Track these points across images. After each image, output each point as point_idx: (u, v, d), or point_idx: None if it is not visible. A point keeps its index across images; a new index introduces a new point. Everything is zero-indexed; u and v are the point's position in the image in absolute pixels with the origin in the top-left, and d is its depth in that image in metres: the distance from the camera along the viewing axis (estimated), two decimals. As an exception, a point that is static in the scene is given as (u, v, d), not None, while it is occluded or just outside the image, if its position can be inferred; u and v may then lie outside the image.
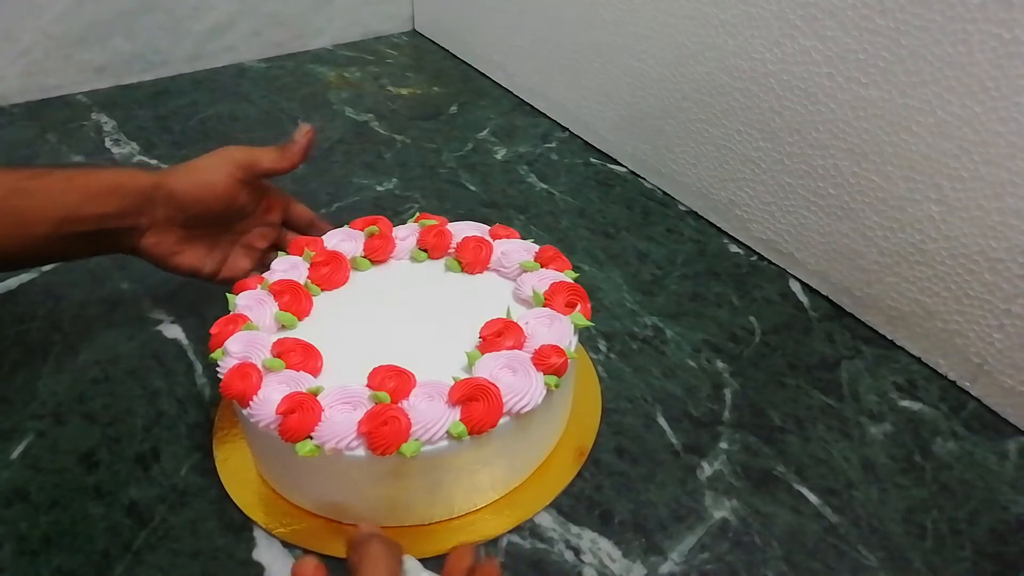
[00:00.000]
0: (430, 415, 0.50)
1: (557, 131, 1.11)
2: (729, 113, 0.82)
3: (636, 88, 0.94)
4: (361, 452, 0.50)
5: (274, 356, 0.54)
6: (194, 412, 0.65)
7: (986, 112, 0.59)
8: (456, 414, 0.51)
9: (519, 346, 0.56)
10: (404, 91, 1.23)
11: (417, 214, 0.70)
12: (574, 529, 0.57)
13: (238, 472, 0.60)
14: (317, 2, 1.34)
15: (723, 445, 0.63)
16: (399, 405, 0.51)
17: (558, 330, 0.57)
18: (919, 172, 0.66)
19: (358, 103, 1.18)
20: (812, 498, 0.59)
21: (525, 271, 0.63)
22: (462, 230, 0.67)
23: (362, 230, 0.67)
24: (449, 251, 0.67)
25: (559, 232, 0.89)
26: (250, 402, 0.52)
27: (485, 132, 1.11)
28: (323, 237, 0.67)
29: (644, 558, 0.55)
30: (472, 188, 0.98)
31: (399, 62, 1.34)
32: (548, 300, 0.60)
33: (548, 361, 0.54)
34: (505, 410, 0.52)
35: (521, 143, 1.08)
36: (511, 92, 1.22)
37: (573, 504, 0.58)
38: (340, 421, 0.50)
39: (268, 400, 0.51)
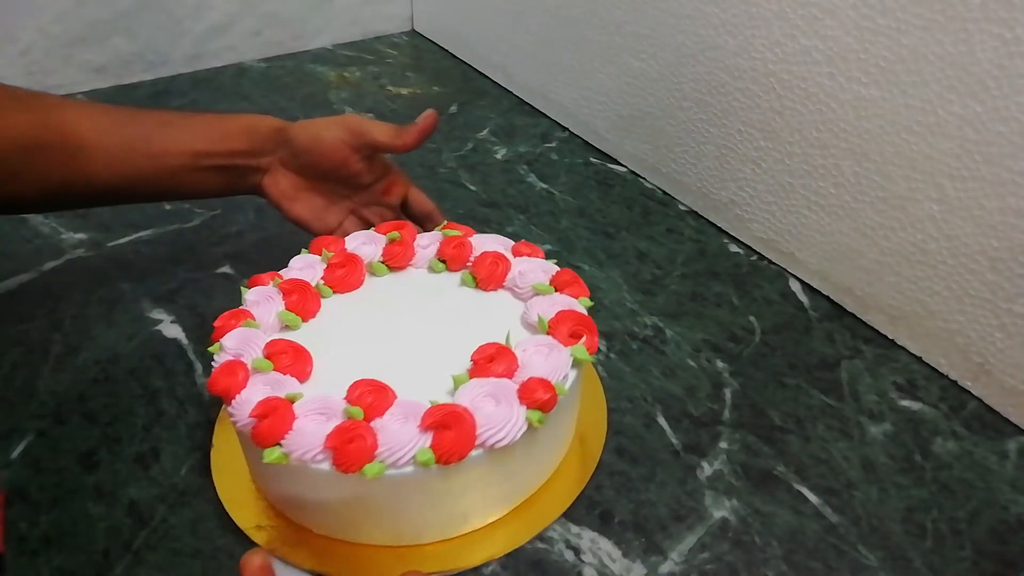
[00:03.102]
0: (398, 438, 0.47)
1: (557, 131, 1.11)
2: (729, 113, 0.82)
3: (636, 88, 0.94)
4: (326, 466, 0.48)
5: (264, 357, 0.53)
6: (194, 412, 0.65)
7: (987, 111, 0.59)
8: (427, 440, 0.48)
9: (509, 374, 0.52)
10: (404, 91, 1.23)
11: (445, 222, 0.69)
12: (574, 529, 0.57)
13: (232, 472, 0.59)
14: (317, 2, 1.34)
15: (723, 445, 0.63)
16: (371, 424, 0.49)
17: (554, 362, 0.53)
18: (920, 171, 0.65)
19: (358, 103, 1.18)
20: (812, 498, 0.59)
21: (537, 294, 0.60)
22: (484, 243, 0.64)
23: (386, 234, 0.65)
24: (467, 264, 0.64)
25: (559, 232, 0.89)
26: (232, 401, 0.51)
27: (485, 132, 1.11)
28: (345, 239, 0.65)
29: (644, 558, 0.55)
30: (472, 188, 0.98)
31: (399, 62, 1.33)
32: (552, 328, 0.56)
33: (534, 395, 0.50)
34: (478, 442, 0.48)
35: (521, 143, 1.08)
36: (511, 92, 1.22)
37: (573, 504, 0.58)
38: (310, 432, 0.48)
39: (248, 401, 0.50)
